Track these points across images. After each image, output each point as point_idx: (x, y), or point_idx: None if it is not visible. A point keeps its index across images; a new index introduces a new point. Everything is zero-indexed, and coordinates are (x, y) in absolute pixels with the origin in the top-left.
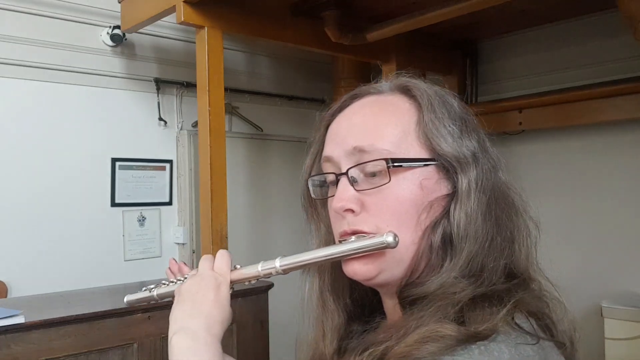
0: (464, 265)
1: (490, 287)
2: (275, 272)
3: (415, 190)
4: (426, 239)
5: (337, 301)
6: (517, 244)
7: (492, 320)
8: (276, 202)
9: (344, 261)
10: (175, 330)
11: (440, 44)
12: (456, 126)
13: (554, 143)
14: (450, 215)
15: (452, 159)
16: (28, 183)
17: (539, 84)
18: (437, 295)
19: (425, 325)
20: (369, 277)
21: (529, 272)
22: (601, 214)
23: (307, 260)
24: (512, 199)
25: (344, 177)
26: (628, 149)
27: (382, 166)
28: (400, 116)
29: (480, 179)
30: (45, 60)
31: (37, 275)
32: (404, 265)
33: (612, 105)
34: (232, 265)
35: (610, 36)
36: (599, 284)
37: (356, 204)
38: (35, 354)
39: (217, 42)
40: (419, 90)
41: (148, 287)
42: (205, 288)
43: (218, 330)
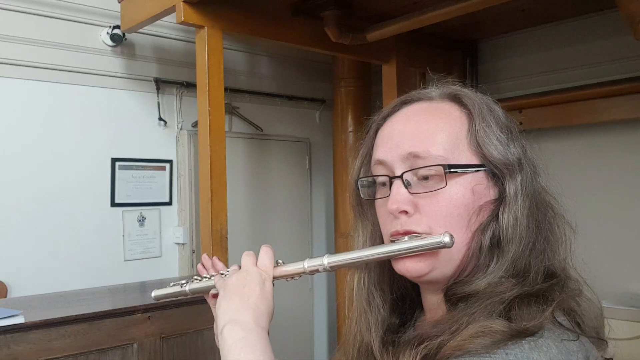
0: (510, 266)
1: (535, 286)
2: (322, 269)
3: (467, 195)
4: (476, 241)
5: (382, 296)
6: (555, 246)
7: (538, 318)
8: (276, 202)
9: (395, 259)
10: (226, 322)
11: (440, 44)
12: (503, 134)
13: (554, 143)
14: (499, 218)
15: (501, 165)
16: (28, 183)
17: (539, 84)
18: (486, 293)
19: (477, 321)
20: (421, 274)
21: (567, 272)
22: (601, 214)
23: (358, 259)
24: (550, 203)
25: (398, 180)
26: (628, 148)
27: (439, 171)
28: (452, 124)
29: (524, 184)
30: (45, 60)
31: (37, 275)
32: (454, 265)
33: (612, 105)
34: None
35: (610, 36)
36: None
37: (410, 206)
38: (35, 354)
39: (217, 42)
40: (469, 99)
41: (178, 282)
42: (252, 283)
43: (265, 323)
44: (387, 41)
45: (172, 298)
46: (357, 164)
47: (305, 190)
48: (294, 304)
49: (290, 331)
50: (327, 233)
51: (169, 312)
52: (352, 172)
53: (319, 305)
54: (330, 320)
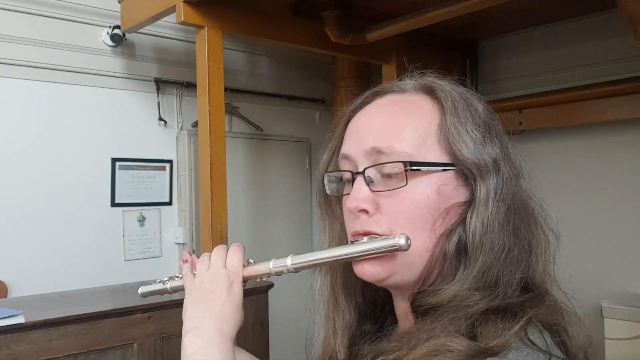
0: (479, 276)
1: (505, 300)
2: (286, 270)
3: (431, 195)
4: (440, 246)
5: (348, 299)
6: (535, 256)
7: (504, 336)
8: (276, 202)
9: (355, 261)
10: (188, 329)
11: (440, 44)
12: (479, 132)
13: (554, 143)
14: (467, 223)
15: (472, 166)
16: (28, 183)
17: (539, 84)
18: (451, 306)
19: (436, 338)
20: (378, 279)
21: (546, 285)
22: (601, 214)
23: (318, 260)
24: (533, 208)
25: (360, 176)
26: (628, 148)
27: (400, 169)
28: (422, 118)
29: (500, 188)
30: (45, 60)
31: (37, 275)
32: (416, 271)
33: (612, 105)
34: (245, 260)
35: (610, 36)
36: (599, 284)
37: (370, 205)
38: (35, 354)
39: (217, 42)
40: (444, 91)
41: (162, 280)
42: (218, 287)
43: (230, 331)
44: (387, 41)
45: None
46: (324, 157)
47: (305, 190)
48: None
49: (290, 331)
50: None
51: (169, 312)
52: (319, 167)
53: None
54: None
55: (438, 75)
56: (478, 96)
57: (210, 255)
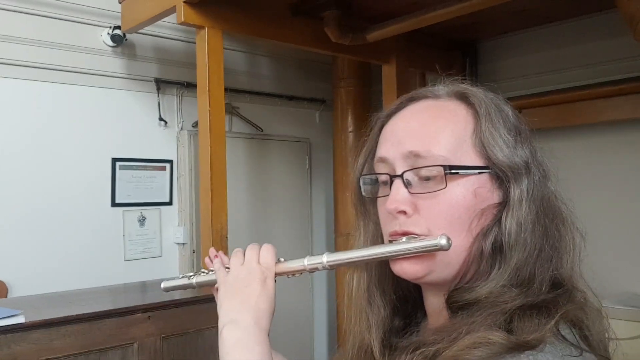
0: (513, 274)
1: (538, 296)
2: (321, 267)
3: (468, 197)
4: (477, 246)
5: (383, 296)
6: (563, 254)
7: (540, 331)
8: (276, 201)
9: (393, 260)
10: (225, 323)
11: (440, 44)
12: (511, 135)
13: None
14: (502, 223)
15: (506, 168)
16: (28, 183)
17: (539, 84)
18: (488, 302)
19: (476, 331)
20: (417, 277)
21: (573, 282)
22: (601, 214)
23: (356, 258)
24: (560, 209)
25: (398, 179)
26: (628, 148)
27: (439, 172)
28: (457, 123)
29: (531, 189)
30: (45, 60)
31: (37, 275)
32: (453, 269)
33: (612, 105)
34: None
35: (610, 36)
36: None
37: (409, 206)
38: (35, 354)
39: (217, 42)
40: (477, 98)
41: (186, 275)
42: (253, 281)
43: (265, 323)
44: (387, 41)
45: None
46: (360, 160)
47: (305, 190)
48: (294, 304)
49: (290, 331)
50: (327, 233)
51: (169, 312)
52: (354, 169)
53: (319, 305)
54: (330, 320)
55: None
56: (506, 101)
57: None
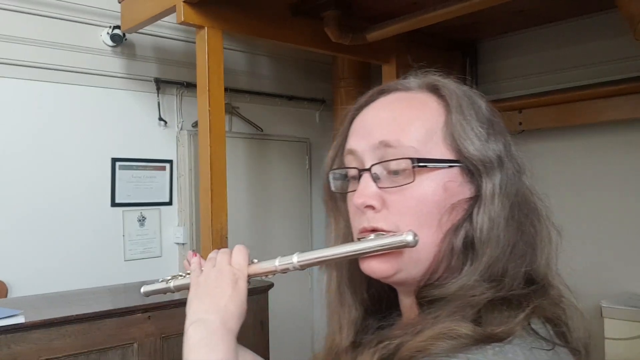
0: (485, 270)
1: (510, 291)
2: (292, 268)
3: (438, 192)
4: (447, 242)
5: (354, 295)
6: (538, 250)
7: (509, 324)
8: (276, 201)
9: (362, 258)
10: (193, 321)
11: (440, 44)
12: (483, 128)
13: (554, 143)
14: (473, 218)
15: (478, 162)
16: (28, 183)
17: (539, 84)
18: (457, 296)
19: (442, 323)
20: (386, 276)
21: (548, 279)
22: (601, 214)
23: (324, 257)
24: (535, 204)
25: (366, 173)
26: (628, 148)
27: (407, 165)
28: (428, 114)
29: (504, 183)
30: (45, 60)
31: (37, 275)
32: (423, 266)
33: (612, 105)
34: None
35: (610, 36)
36: (599, 284)
37: (377, 201)
38: (35, 354)
39: (217, 42)
40: (448, 90)
41: (165, 279)
42: (224, 282)
43: (234, 325)
44: (387, 41)
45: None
46: (330, 154)
47: (305, 190)
48: (294, 304)
49: (290, 331)
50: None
51: (169, 311)
52: (324, 164)
53: (319, 305)
54: None
55: (442, 73)
56: (480, 94)
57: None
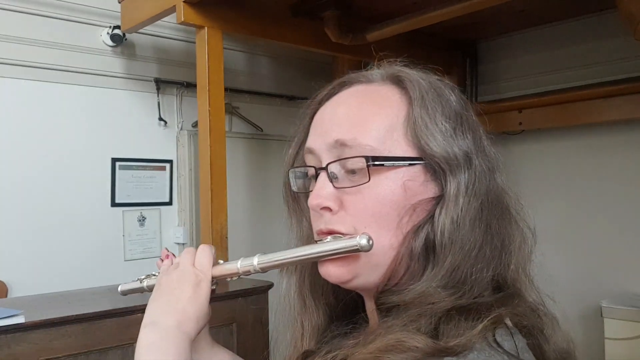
0: (446, 275)
1: (473, 299)
2: (253, 270)
3: (397, 191)
4: (407, 245)
5: (316, 300)
6: (509, 254)
7: (466, 336)
8: (276, 202)
9: (320, 262)
10: (146, 324)
11: (440, 44)
12: (449, 124)
13: (554, 143)
14: (435, 220)
15: (441, 160)
16: (28, 183)
17: (539, 84)
18: (414, 304)
19: (393, 333)
20: (342, 281)
21: (520, 284)
22: (601, 214)
23: (283, 260)
24: (507, 204)
25: (323, 172)
26: (628, 149)
27: (363, 164)
28: (388, 109)
29: (471, 183)
30: (45, 60)
31: (37, 275)
32: (381, 271)
33: (612, 105)
34: (214, 260)
35: (610, 36)
36: (599, 284)
37: (334, 202)
38: (35, 354)
39: (217, 42)
40: (411, 81)
41: (140, 278)
42: (184, 284)
43: (191, 328)
44: (387, 41)
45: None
46: (290, 152)
47: None
48: None
49: None
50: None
51: None
52: (284, 162)
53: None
54: None
55: (408, 63)
56: (451, 85)
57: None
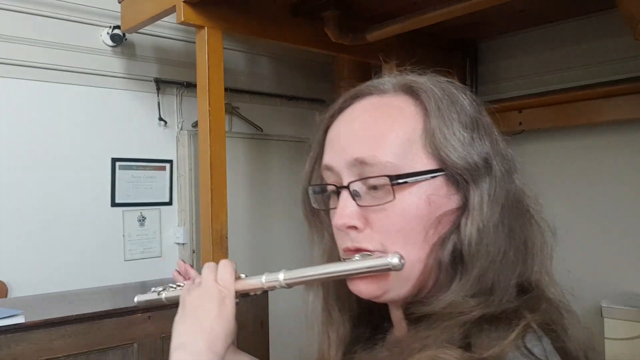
0: (475, 283)
1: (500, 306)
2: (279, 285)
3: (421, 206)
4: (434, 256)
5: (342, 311)
6: (531, 255)
7: (499, 346)
8: (276, 202)
9: (349, 278)
10: (177, 346)
11: (440, 44)
12: (467, 131)
13: (554, 143)
14: (461, 230)
15: (463, 171)
16: (28, 183)
17: (539, 84)
18: (444, 314)
19: (429, 348)
20: (374, 296)
21: (543, 286)
22: (601, 214)
23: (310, 276)
24: (527, 205)
25: (345, 190)
26: (628, 149)
27: (386, 182)
28: (404, 122)
29: (493, 188)
30: (45, 60)
31: (37, 275)
32: (410, 284)
33: (612, 105)
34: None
35: (610, 36)
36: (599, 284)
37: (359, 220)
38: (35, 354)
39: (217, 42)
40: (425, 91)
41: (157, 290)
42: (209, 302)
43: (220, 348)
44: (387, 41)
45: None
46: (306, 168)
47: None
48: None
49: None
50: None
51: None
52: (302, 178)
53: None
54: None
55: (418, 70)
56: (462, 88)
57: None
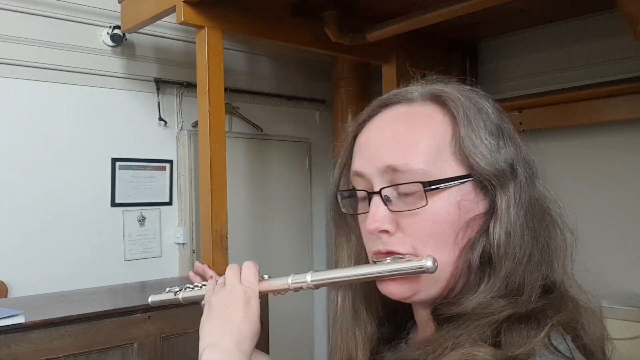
0: (503, 285)
1: (528, 305)
2: (305, 287)
3: (452, 211)
4: (464, 259)
5: (369, 311)
6: (554, 257)
7: (529, 344)
8: (276, 202)
9: (379, 280)
10: (206, 346)
11: (440, 44)
12: (493, 138)
13: (554, 143)
14: (490, 233)
15: (491, 176)
16: (28, 183)
17: (539, 84)
18: (474, 314)
19: (461, 346)
20: (404, 297)
21: (565, 285)
22: (601, 214)
23: (340, 278)
24: (549, 208)
25: (376, 196)
26: (628, 148)
27: (418, 188)
28: (434, 131)
29: (518, 193)
30: (45, 60)
31: (37, 275)
32: (440, 285)
33: (612, 105)
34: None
35: (610, 36)
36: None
37: (391, 225)
38: (35, 354)
39: (217, 42)
40: (453, 100)
41: (173, 290)
42: (235, 303)
43: (247, 347)
44: (387, 41)
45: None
46: (335, 174)
47: (305, 190)
48: (294, 305)
49: (291, 332)
50: (327, 233)
51: (169, 312)
52: (330, 183)
53: (319, 306)
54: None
55: (443, 79)
56: (485, 95)
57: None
